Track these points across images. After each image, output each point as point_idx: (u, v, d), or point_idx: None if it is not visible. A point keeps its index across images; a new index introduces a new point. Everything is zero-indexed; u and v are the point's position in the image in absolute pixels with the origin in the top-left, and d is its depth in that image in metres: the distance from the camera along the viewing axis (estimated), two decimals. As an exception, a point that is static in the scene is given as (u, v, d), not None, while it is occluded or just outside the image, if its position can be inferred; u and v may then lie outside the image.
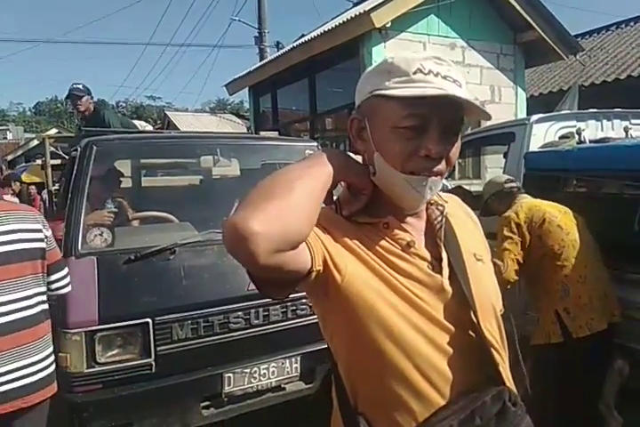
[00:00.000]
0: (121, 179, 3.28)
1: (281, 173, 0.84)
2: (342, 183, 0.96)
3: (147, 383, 2.28)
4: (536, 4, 6.81)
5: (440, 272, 0.93)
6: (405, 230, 0.95)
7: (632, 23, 10.39)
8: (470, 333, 0.91)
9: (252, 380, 2.48)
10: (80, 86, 4.62)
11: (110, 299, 2.26)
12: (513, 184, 2.65)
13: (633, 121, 3.61)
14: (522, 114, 7.19)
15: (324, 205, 0.96)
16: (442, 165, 0.89)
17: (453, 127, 0.90)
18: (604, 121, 3.59)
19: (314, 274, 0.84)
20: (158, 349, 2.30)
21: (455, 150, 0.91)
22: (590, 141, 3.22)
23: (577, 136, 3.26)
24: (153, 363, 2.29)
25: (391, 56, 0.93)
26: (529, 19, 6.75)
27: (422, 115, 0.86)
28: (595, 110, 3.63)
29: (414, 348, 0.87)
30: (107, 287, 2.28)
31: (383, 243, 0.93)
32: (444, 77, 0.86)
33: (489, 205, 2.69)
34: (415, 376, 0.87)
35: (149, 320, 2.28)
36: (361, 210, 0.95)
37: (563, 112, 3.82)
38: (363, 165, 0.96)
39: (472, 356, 0.90)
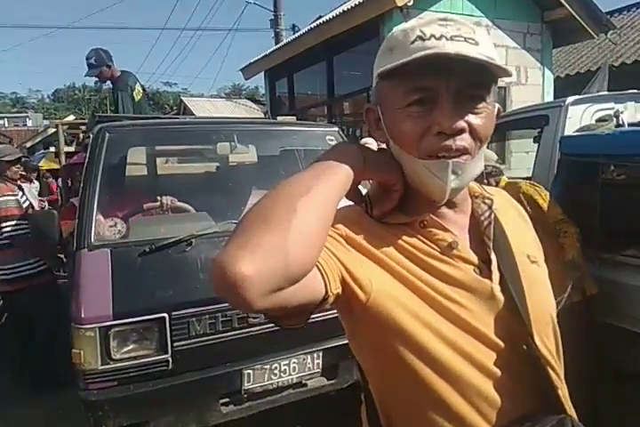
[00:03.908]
0: (135, 166, 3.18)
1: (282, 188, 0.69)
2: None
3: (163, 380, 2.20)
4: (566, -20, 6.48)
5: (489, 277, 0.78)
6: (446, 229, 0.80)
7: (664, 0, 9.90)
8: (524, 348, 0.78)
9: (273, 376, 2.38)
10: (92, 60, 4.08)
11: (125, 293, 2.16)
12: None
13: (675, 102, 3.38)
14: (549, 96, 6.91)
15: (351, 203, 0.82)
16: (465, 142, 0.73)
17: (472, 92, 0.74)
18: (645, 102, 3.36)
19: (331, 299, 0.71)
20: (175, 345, 2.21)
21: (483, 120, 0.75)
22: (629, 125, 3.02)
23: (615, 119, 3.06)
24: (170, 359, 2.21)
25: (394, 29, 0.79)
26: (558, -5, 6.44)
27: (426, 86, 0.72)
28: (635, 91, 3.40)
29: (456, 372, 0.73)
30: (121, 281, 2.18)
31: (420, 245, 0.79)
32: (451, 38, 0.71)
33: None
34: (459, 405, 0.74)
35: (166, 315, 2.19)
36: (394, 209, 0.81)
37: (600, 93, 3.59)
38: (388, 156, 0.82)
39: (525, 377, 0.77)
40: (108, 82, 4.31)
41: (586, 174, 2.66)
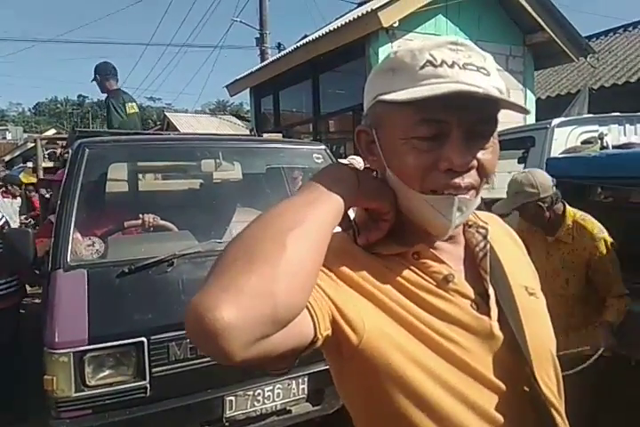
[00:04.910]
0: (116, 183, 3.10)
1: (270, 219, 0.62)
2: None
3: (140, 408, 2.10)
4: (546, 5, 6.65)
5: (488, 313, 0.73)
6: (441, 261, 0.74)
7: (640, 26, 10.24)
8: (525, 390, 0.72)
9: (256, 403, 2.29)
10: (99, 66, 4.25)
11: (101, 316, 2.07)
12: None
13: (657, 125, 3.44)
14: (531, 117, 7.01)
15: (338, 229, 0.76)
16: (472, 178, 0.69)
17: (483, 128, 0.69)
18: (627, 125, 3.42)
19: (320, 341, 0.64)
20: (154, 370, 2.11)
21: (490, 157, 0.70)
22: (613, 147, 3.05)
23: (600, 141, 3.10)
24: (148, 386, 2.11)
25: (397, 49, 0.73)
26: (539, 19, 6.59)
27: (438, 119, 0.67)
28: (617, 114, 3.46)
29: (456, 420, 0.67)
30: (98, 303, 2.09)
31: (414, 278, 0.73)
32: (464, 66, 0.67)
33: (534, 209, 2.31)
34: None
35: (144, 339, 2.10)
36: (385, 237, 0.75)
37: (584, 116, 3.64)
38: (382, 182, 0.75)
39: (528, 422, 0.71)
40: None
41: (573, 196, 2.65)
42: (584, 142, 3.11)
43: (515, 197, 2.32)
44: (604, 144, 3.10)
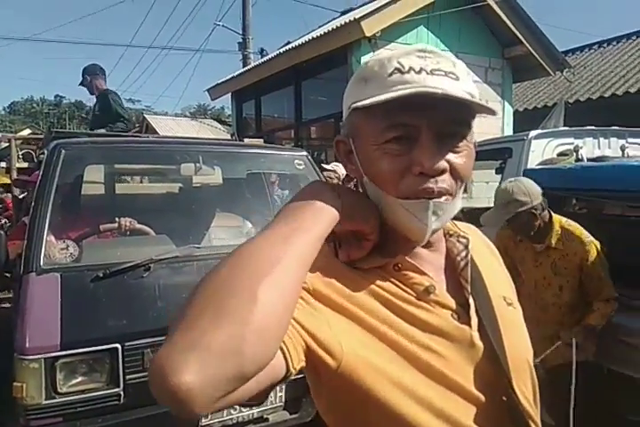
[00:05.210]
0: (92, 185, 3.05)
1: (242, 260, 0.57)
2: None
3: (114, 416, 2.06)
4: (525, 19, 6.81)
5: (468, 323, 0.73)
6: (422, 272, 0.74)
7: (614, 42, 10.55)
8: (503, 400, 0.73)
9: (232, 411, 2.25)
10: (88, 68, 4.33)
11: (75, 321, 2.02)
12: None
13: (630, 139, 3.53)
14: (508, 129, 7.15)
15: None
16: (446, 183, 0.69)
17: (453, 130, 0.70)
18: (601, 139, 3.50)
19: (293, 374, 0.62)
20: (128, 377, 2.07)
21: (464, 159, 0.71)
22: (588, 160, 3.13)
23: (575, 154, 3.17)
24: (121, 393, 2.06)
25: (369, 59, 0.74)
26: (518, 33, 6.74)
27: (405, 123, 0.67)
28: (592, 127, 3.54)
29: None
30: (71, 308, 2.04)
31: (395, 290, 0.72)
32: (431, 72, 0.67)
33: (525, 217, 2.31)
34: None
35: (118, 346, 2.05)
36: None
37: (561, 128, 3.72)
38: (367, 200, 0.75)
39: None
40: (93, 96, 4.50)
41: (549, 207, 2.70)
42: (560, 154, 3.18)
43: (506, 207, 2.28)
44: (579, 157, 3.17)
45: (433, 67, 0.68)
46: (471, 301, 0.75)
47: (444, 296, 0.74)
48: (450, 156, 0.69)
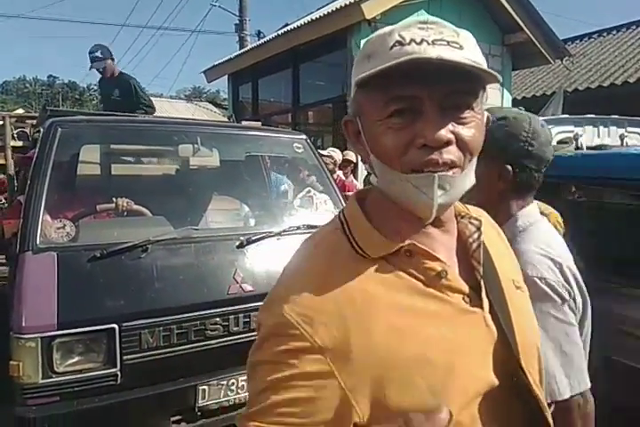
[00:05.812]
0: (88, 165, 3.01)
1: None
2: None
3: (110, 396, 2.04)
4: (526, 6, 6.76)
5: (480, 305, 0.73)
6: (434, 258, 0.72)
7: (614, 32, 10.50)
8: (512, 380, 0.73)
9: (230, 393, 2.26)
10: (98, 53, 4.23)
11: (72, 301, 2.00)
12: None
13: (629, 128, 3.53)
14: (507, 116, 7.14)
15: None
16: (452, 154, 0.66)
17: (458, 100, 0.67)
18: (601, 127, 3.50)
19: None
20: (125, 358, 2.06)
21: (471, 130, 0.68)
22: (587, 148, 3.12)
23: (575, 142, 3.16)
24: (118, 373, 2.05)
25: (372, 35, 0.72)
26: (518, 20, 6.69)
27: (407, 95, 0.65)
28: (592, 116, 3.53)
29: None
30: (68, 288, 2.02)
31: (405, 280, 0.71)
32: (433, 43, 0.65)
33: None
34: None
35: (115, 326, 2.04)
36: (371, 235, 0.73)
37: (561, 116, 3.71)
38: None
39: (514, 411, 0.73)
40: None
41: (547, 194, 2.70)
42: (560, 142, 3.17)
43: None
44: (579, 145, 3.16)
45: (435, 37, 0.65)
46: (482, 283, 0.75)
47: (456, 280, 0.73)
48: (456, 127, 0.67)
